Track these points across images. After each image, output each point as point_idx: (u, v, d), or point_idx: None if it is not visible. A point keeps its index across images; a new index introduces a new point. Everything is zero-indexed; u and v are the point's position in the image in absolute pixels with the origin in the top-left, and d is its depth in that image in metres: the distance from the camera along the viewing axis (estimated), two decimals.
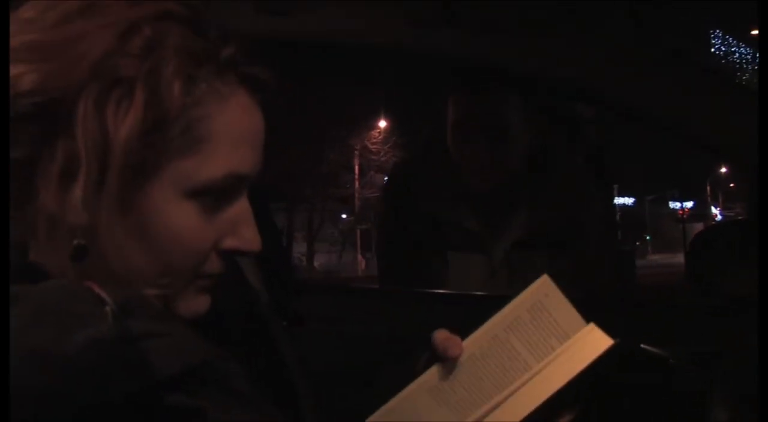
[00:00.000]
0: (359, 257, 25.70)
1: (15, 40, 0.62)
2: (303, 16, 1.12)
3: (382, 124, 23.69)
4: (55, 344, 0.52)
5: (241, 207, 0.70)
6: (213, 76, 0.65)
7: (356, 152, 23.27)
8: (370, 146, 23.52)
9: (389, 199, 1.95)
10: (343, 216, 26.21)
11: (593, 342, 0.83)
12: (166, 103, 0.61)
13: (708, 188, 36.55)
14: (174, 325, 0.62)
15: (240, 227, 0.70)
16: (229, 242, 0.69)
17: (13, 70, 0.60)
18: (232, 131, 0.66)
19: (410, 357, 0.89)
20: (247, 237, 0.70)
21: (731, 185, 35.08)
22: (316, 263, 24.31)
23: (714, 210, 37.16)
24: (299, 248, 23.71)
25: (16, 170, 0.60)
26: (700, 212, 36.90)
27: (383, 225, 1.99)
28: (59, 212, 0.60)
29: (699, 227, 29.50)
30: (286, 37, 1.06)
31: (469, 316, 1.49)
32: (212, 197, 0.66)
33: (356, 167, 23.51)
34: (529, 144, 1.72)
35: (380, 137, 23.71)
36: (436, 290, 1.69)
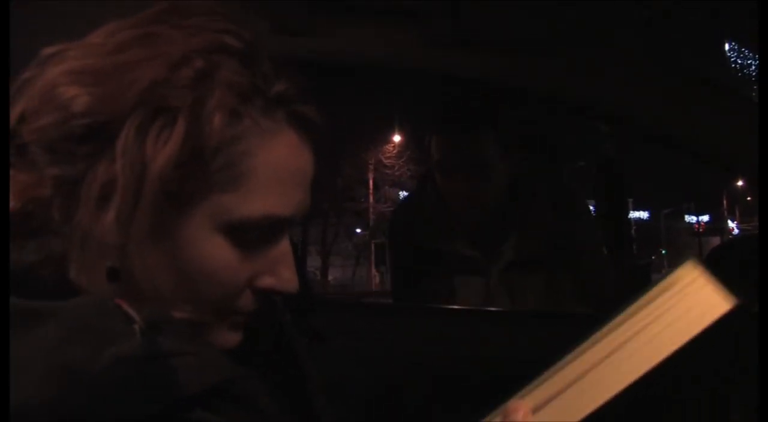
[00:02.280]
0: (373, 271, 25.68)
1: (77, 63, 0.63)
2: (320, 37, 1.14)
3: (397, 138, 23.76)
4: (84, 361, 0.53)
5: (281, 249, 0.69)
6: (259, 113, 0.64)
7: (370, 167, 23.32)
8: (385, 161, 23.57)
9: (394, 234, 2.11)
10: (358, 230, 26.23)
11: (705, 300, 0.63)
12: (206, 136, 0.61)
13: (724, 201, 36.28)
14: (200, 344, 0.62)
15: (278, 267, 0.69)
16: (266, 281, 0.68)
17: (70, 91, 0.61)
18: (274, 171, 0.65)
19: None
20: (285, 277, 0.69)
21: (748, 198, 34.79)
22: (330, 278, 24.31)
23: (731, 224, 36.88)
24: (313, 263, 23.73)
25: (63, 187, 0.61)
26: (717, 226, 36.64)
27: (391, 257, 2.12)
28: (94, 230, 0.60)
29: (715, 241, 29.28)
30: (304, 55, 1.08)
31: (478, 330, 1.51)
32: (249, 234, 0.65)
33: (370, 182, 23.55)
34: (509, 173, 1.83)
35: (394, 152, 23.76)
36: (454, 307, 1.74)
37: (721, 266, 1.43)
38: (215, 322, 0.68)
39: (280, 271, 0.69)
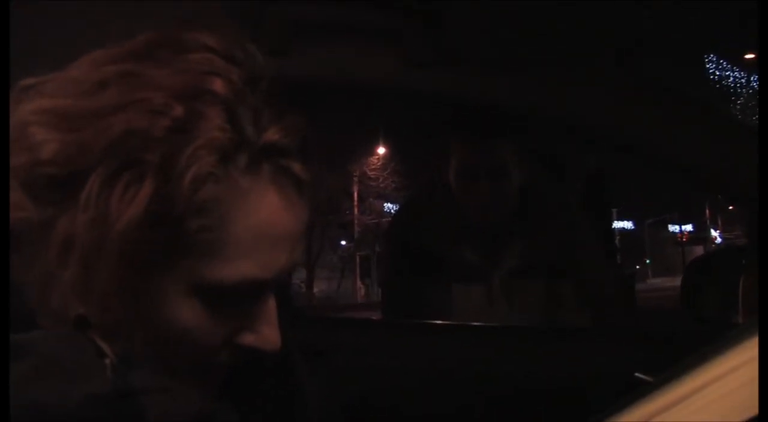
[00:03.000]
0: (358, 283, 25.66)
1: (52, 102, 0.58)
2: (300, 57, 1.16)
3: (381, 150, 23.82)
4: (54, 398, 0.52)
5: (263, 306, 0.64)
6: (241, 172, 0.57)
7: (355, 179, 23.33)
8: (369, 173, 23.62)
9: (396, 237, 2.06)
10: (342, 243, 26.20)
11: None
12: (175, 199, 0.54)
13: (707, 211, 36.56)
14: (173, 379, 0.60)
15: (259, 324, 0.63)
16: (245, 339, 0.63)
17: (39, 134, 0.56)
18: (254, 236, 0.59)
19: None
20: (266, 335, 0.63)
21: (730, 207, 35.10)
22: (315, 290, 24.24)
23: (713, 233, 37.16)
24: (298, 275, 23.67)
25: (36, 230, 0.57)
26: (700, 235, 36.91)
27: (390, 262, 2.07)
28: (57, 277, 0.56)
29: (698, 250, 29.45)
30: (286, 75, 1.09)
31: (471, 346, 1.51)
32: (226, 296, 0.60)
33: (355, 194, 23.56)
34: (523, 180, 1.84)
35: (379, 164, 23.83)
36: (446, 322, 1.74)
37: (699, 278, 1.46)
38: (191, 372, 0.63)
39: (260, 329, 0.63)
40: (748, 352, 0.51)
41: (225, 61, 0.59)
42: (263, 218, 0.59)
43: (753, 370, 0.49)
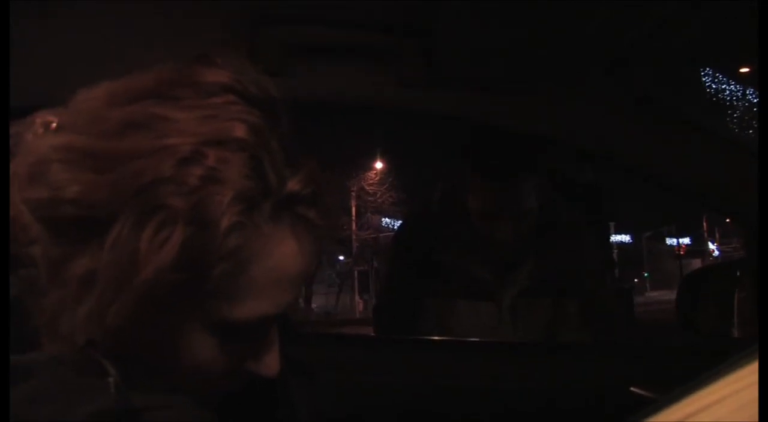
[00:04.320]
0: (357, 298, 25.61)
1: (76, 140, 0.58)
2: (294, 77, 1.17)
3: (379, 165, 23.86)
4: (57, 417, 0.52)
5: (267, 337, 0.67)
6: (264, 219, 0.59)
7: (353, 194, 23.34)
8: (367, 188, 23.62)
9: (401, 249, 1.99)
10: (341, 258, 26.16)
11: None
12: (209, 247, 0.55)
13: (705, 223, 36.57)
14: (176, 396, 0.61)
15: (262, 354, 0.67)
16: (248, 365, 0.67)
17: (64, 174, 0.56)
18: (271, 279, 0.62)
19: None
20: (267, 364, 0.67)
21: (728, 220, 35.01)
22: (313, 305, 24.17)
23: (711, 246, 37.16)
24: None
25: (50, 263, 0.57)
26: (698, 248, 36.91)
27: (393, 274, 2.02)
28: (68, 310, 0.57)
29: (696, 263, 29.46)
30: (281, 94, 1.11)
31: (469, 363, 1.50)
32: (236, 331, 0.62)
33: (353, 209, 23.55)
34: (541, 206, 1.81)
35: (377, 179, 23.85)
36: (442, 338, 1.72)
37: (695, 292, 1.46)
38: (193, 392, 0.64)
39: (263, 358, 0.67)
40: (751, 375, 0.48)
41: (245, 103, 0.60)
42: (280, 262, 0.62)
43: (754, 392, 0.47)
